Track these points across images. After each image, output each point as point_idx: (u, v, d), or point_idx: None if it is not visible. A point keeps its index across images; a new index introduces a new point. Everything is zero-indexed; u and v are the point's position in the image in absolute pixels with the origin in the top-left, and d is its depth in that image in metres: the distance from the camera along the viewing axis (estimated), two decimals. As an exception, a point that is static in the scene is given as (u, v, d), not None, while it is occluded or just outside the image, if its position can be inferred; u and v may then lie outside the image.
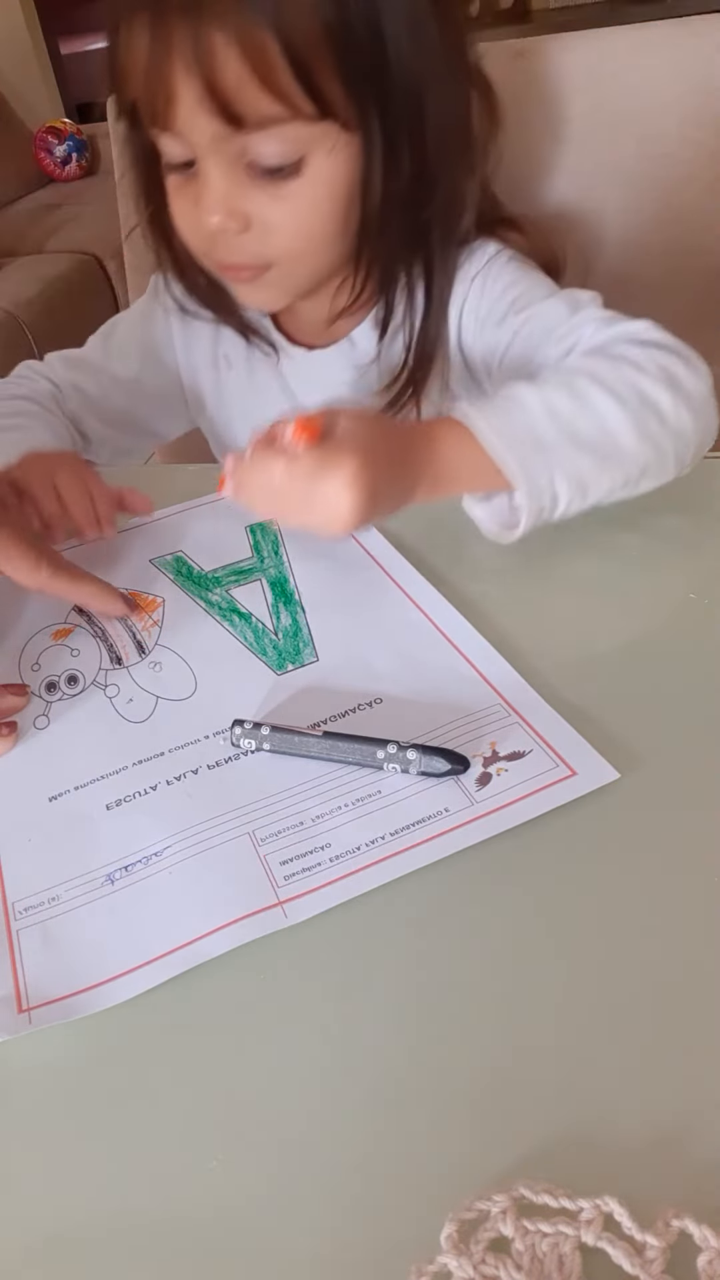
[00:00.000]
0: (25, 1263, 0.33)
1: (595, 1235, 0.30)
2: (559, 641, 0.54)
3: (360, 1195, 0.33)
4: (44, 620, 0.63)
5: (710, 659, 0.51)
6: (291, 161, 0.56)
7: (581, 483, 0.54)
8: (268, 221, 0.59)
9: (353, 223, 0.61)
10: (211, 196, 0.58)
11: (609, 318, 0.61)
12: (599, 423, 0.54)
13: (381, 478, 0.50)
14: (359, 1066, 0.37)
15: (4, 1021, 0.39)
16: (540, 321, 0.63)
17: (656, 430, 0.55)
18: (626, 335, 0.59)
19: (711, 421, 0.58)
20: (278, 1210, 0.33)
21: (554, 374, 0.57)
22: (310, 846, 0.44)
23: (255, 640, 0.58)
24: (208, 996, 0.40)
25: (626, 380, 0.55)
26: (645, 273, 0.89)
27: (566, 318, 0.62)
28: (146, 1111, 0.37)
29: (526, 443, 0.53)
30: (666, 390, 0.55)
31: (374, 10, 0.53)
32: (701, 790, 0.45)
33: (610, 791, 0.45)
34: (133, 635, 0.60)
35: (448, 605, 0.57)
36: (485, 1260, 0.30)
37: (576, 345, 0.61)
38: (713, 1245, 0.30)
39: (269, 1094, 0.36)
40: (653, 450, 0.55)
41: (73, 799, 0.50)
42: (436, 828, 0.44)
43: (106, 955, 0.41)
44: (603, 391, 0.54)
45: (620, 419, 0.54)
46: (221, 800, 0.48)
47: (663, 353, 0.57)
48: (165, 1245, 0.33)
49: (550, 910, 0.41)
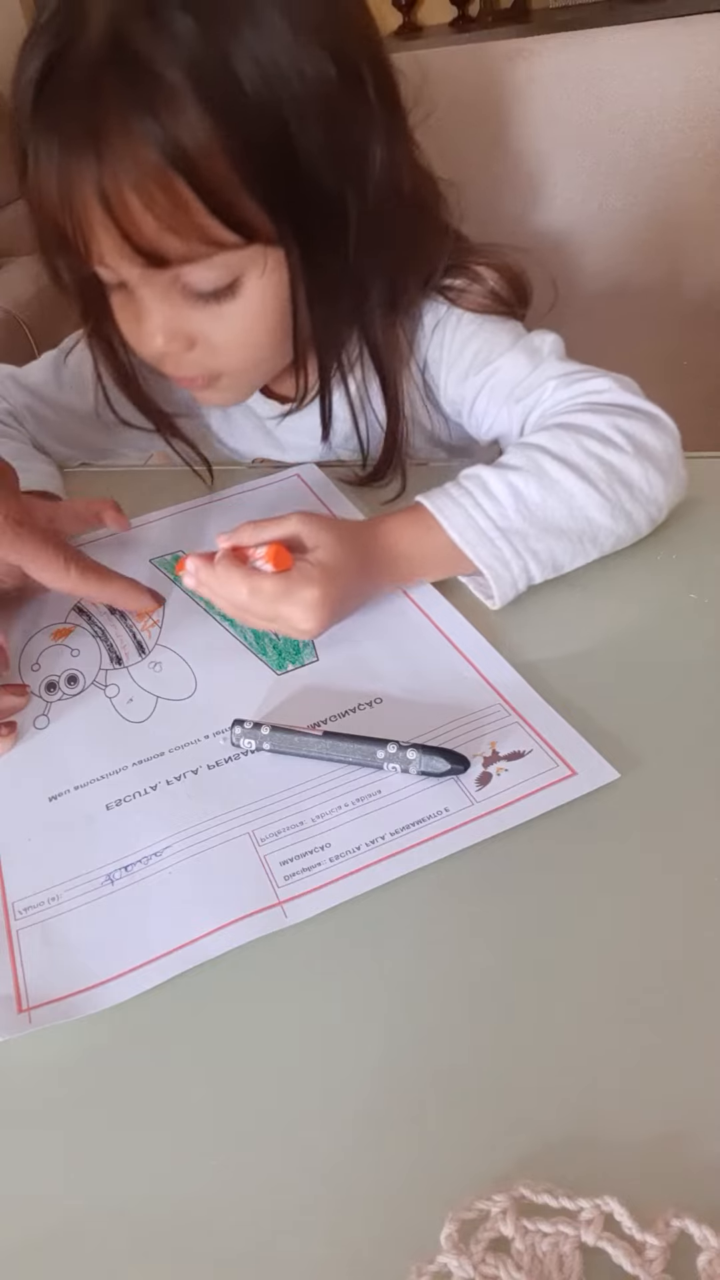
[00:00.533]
0: (25, 1262, 0.33)
1: (595, 1235, 0.30)
2: (559, 641, 0.54)
3: (360, 1195, 0.33)
4: (44, 620, 0.63)
5: (710, 659, 0.51)
6: (225, 285, 0.55)
7: (555, 563, 0.55)
8: (211, 340, 0.58)
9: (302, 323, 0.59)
10: (152, 323, 0.56)
11: (568, 374, 0.60)
12: (569, 507, 0.54)
13: (343, 594, 0.53)
14: (359, 1066, 0.37)
15: (4, 1021, 0.39)
16: (501, 377, 0.62)
17: (629, 505, 0.55)
18: (587, 399, 0.58)
19: (682, 475, 0.58)
20: (277, 1210, 0.33)
21: (521, 454, 0.56)
22: (310, 846, 0.44)
23: (255, 640, 0.58)
24: (208, 996, 0.40)
25: (595, 456, 0.55)
26: (644, 273, 0.89)
27: (527, 373, 0.61)
28: (146, 1111, 0.37)
29: (495, 536, 0.54)
30: (636, 461, 0.55)
31: (278, 125, 0.50)
32: (701, 790, 0.45)
33: (610, 791, 0.45)
34: (133, 635, 0.60)
35: (448, 605, 0.57)
36: (485, 1260, 0.30)
37: (537, 406, 0.61)
38: (713, 1245, 0.29)
39: (269, 1094, 0.36)
40: (626, 524, 0.56)
41: (73, 799, 0.50)
42: (436, 828, 0.44)
43: (106, 955, 0.41)
44: (572, 475, 0.54)
45: (591, 501, 0.54)
46: (221, 800, 0.48)
47: (627, 418, 0.56)
48: (165, 1245, 0.33)
49: (550, 910, 0.41)
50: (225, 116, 0.48)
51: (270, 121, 0.49)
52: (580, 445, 0.55)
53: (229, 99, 0.47)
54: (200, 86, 0.47)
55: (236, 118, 0.48)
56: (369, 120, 0.53)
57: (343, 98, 0.51)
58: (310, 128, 0.50)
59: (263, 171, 0.50)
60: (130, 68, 0.47)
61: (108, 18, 0.47)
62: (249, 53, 0.47)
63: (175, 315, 0.56)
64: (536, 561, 0.55)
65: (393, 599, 0.58)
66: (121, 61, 0.47)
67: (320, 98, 0.50)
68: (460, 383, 0.64)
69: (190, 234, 0.50)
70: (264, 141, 0.49)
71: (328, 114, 0.51)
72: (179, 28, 0.46)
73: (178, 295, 0.55)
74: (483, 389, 0.63)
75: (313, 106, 0.50)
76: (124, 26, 0.47)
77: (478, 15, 2.42)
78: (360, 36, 0.53)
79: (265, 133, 0.49)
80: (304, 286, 0.56)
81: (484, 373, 0.62)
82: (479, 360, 0.63)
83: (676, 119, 0.81)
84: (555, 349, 0.62)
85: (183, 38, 0.46)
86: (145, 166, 0.48)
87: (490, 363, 0.62)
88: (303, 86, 0.49)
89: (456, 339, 0.63)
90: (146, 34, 0.46)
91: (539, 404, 0.60)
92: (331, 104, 0.51)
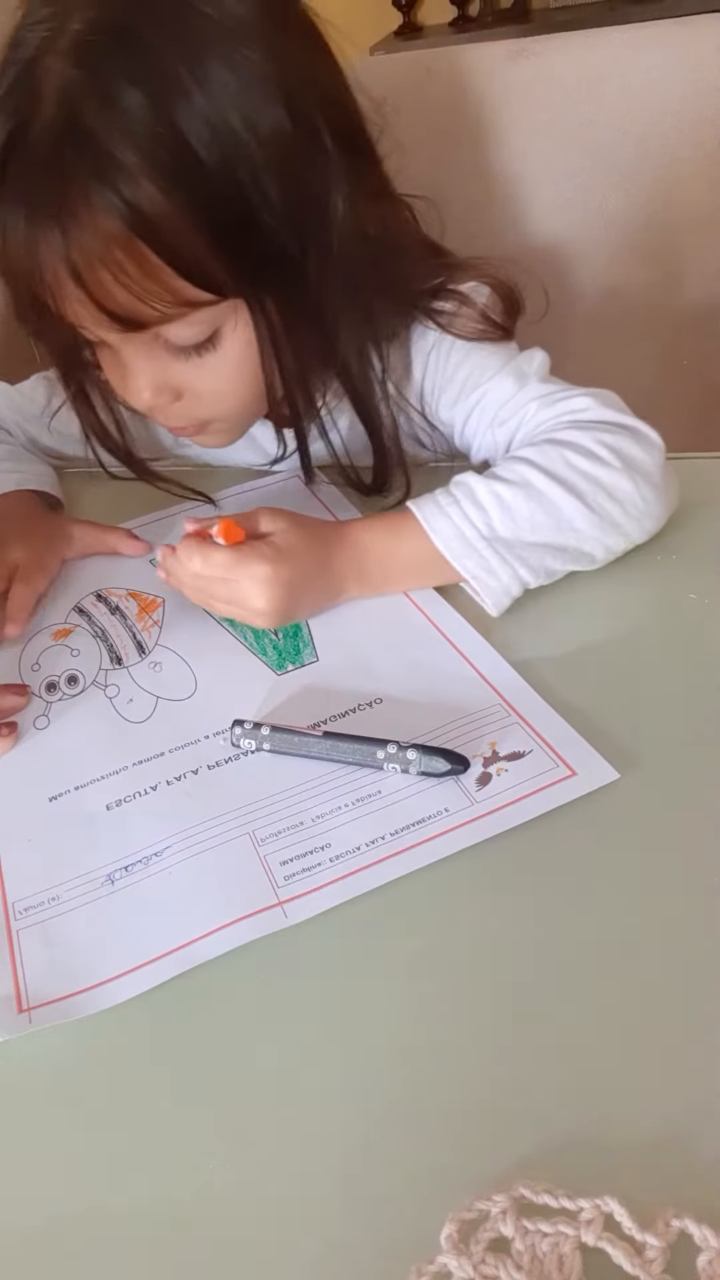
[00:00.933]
0: (25, 1262, 0.33)
1: (595, 1235, 0.30)
2: (559, 641, 0.54)
3: (360, 1195, 0.33)
4: (44, 620, 0.63)
5: (710, 659, 0.51)
6: (205, 338, 0.55)
7: (547, 570, 0.56)
8: (196, 390, 0.58)
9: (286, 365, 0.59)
10: (137, 380, 0.57)
11: (550, 394, 0.60)
12: (556, 520, 0.55)
13: (297, 578, 0.55)
14: (359, 1066, 0.37)
15: (4, 1021, 0.39)
16: (489, 400, 0.62)
17: (620, 518, 0.55)
18: (570, 418, 0.58)
19: (673, 485, 0.58)
20: (277, 1210, 0.33)
21: (508, 468, 0.57)
22: (310, 846, 0.44)
23: (255, 640, 0.58)
24: (208, 996, 0.40)
25: (580, 471, 0.55)
26: (644, 273, 0.89)
27: (512, 395, 0.61)
28: (146, 1111, 0.37)
29: (481, 546, 0.55)
30: (625, 476, 0.55)
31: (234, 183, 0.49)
32: (701, 790, 0.45)
33: (610, 791, 0.45)
34: (133, 635, 0.60)
35: (447, 605, 0.57)
36: (485, 1260, 0.30)
37: (520, 428, 0.61)
38: (713, 1245, 0.30)
39: (269, 1094, 0.36)
40: (617, 536, 0.56)
41: (73, 799, 0.50)
42: (436, 828, 0.44)
43: (106, 955, 0.41)
44: (559, 488, 0.55)
45: (579, 514, 0.54)
46: (221, 800, 0.48)
47: (612, 434, 0.57)
48: (165, 1245, 0.33)
49: (550, 910, 0.41)
50: (182, 181, 0.48)
51: (227, 180, 0.49)
52: (565, 460, 0.56)
53: (183, 164, 0.48)
54: (153, 157, 0.47)
55: (193, 181, 0.48)
56: (327, 167, 0.53)
57: (298, 148, 0.51)
58: (267, 182, 0.50)
59: (225, 229, 0.50)
60: (84, 145, 0.47)
61: (58, 98, 0.47)
62: (199, 115, 0.48)
63: (159, 370, 0.57)
64: (527, 568, 0.55)
65: (393, 599, 0.58)
66: (75, 139, 0.47)
67: (275, 150, 0.50)
68: (450, 407, 0.65)
69: (162, 297, 0.51)
70: (223, 200, 0.49)
71: (284, 166, 0.50)
72: (127, 102, 0.47)
73: (160, 350, 0.56)
74: (472, 413, 0.64)
75: (268, 161, 0.50)
76: (74, 106, 0.47)
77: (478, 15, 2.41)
78: (311, 81, 0.52)
79: (223, 192, 0.49)
80: (281, 333, 0.56)
81: (473, 397, 0.63)
82: (469, 385, 0.63)
83: (676, 119, 0.81)
84: (540, 370, 0.62)
85: (132, 111, 0.47)
86: (110, 237, 0.48)
87: (479, 387, 0.63)
88: (256, 142, 0.49)
89: (449, 365, 0.63)
90: (95, 111, 0.47)
91: (522, 425, 0.61)
92: (287, 156, 0.51)
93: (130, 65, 0.47)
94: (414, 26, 2.46)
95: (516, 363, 0.62)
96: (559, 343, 0.92)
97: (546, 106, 0.83)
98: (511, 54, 0.83)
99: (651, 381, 0.93)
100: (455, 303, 0.63)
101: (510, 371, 0.62)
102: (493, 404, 0.62)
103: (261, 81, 0.49)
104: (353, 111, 0.57)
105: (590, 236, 0.88)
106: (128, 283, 0.50)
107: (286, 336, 0.57)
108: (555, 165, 0.85)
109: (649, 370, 0.93)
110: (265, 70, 0.49)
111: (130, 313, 0.51)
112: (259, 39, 0.49)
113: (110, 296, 0.50)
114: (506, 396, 0.61)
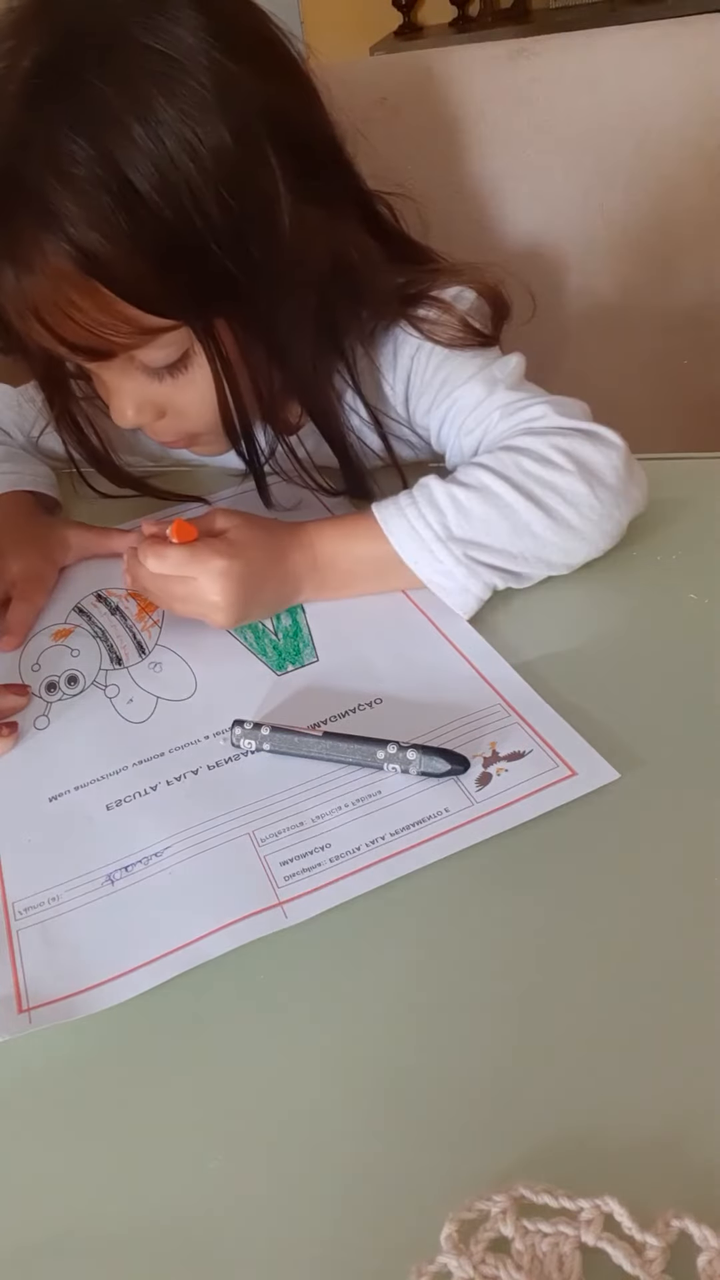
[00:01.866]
0: (25, 1262, 0.33)
1: (595, 1235, 0.30)
2: (559, 641, 0.54)
3: (360, 1195, 0.33)
4: (44, 620, 0.63)
5: (710, 659, 0.51)
6: (176, 359, 0.56)
7: (512, 573, 0.56)
8: (176, 407, 0.59)
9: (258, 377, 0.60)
10: (120, 401, 0.58)
11: (511, 403, 0.60)
12: (512, 523, 0.55)
13: (253, 574, 0.56)
14: (359, 1066, 0.37)
15: (4, 1021, 0.39)
16: (459, 407, 0.63)
17: (576, 521, 0.55)
18: (525, 426, 0.59)
19: (637, 482, 0.58)
20: (278, 1210, 0.33)
21: (465, 472, 0.57)
22: (310, 847, 0.44)
23: (255, 640, 0.58)
24: (208, 996, 0.40)
25: (533, 475, 0.55)
26: (644, 273, 0.89)
27: (479, 403, 0.62)
28: (146, 1112, 0.37)
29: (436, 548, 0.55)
30: (579, 479, 0.55)
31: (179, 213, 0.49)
32: (700, 790, 0.45)
33: (610, 791, 0.45)
34: (133, 635, 0.60)
35: (447, 605, 0.57)
36: (485, 1260, 0.30)
37: (485, 437, 0.61)
38: (713, 1245, 0.29)
39: (269, 1094, 0.36)
40: (577, 540, 0.56)
41: (73, 799, 0.50)
42: (436, 828, 0.44)
43: (107, 955, 0.41)
44: (513, 491, 0.55)
45: (534, 516, 0.55)
46: (221, 800, 0.48)
47: (565, 437, 0.57)
48: (165, 1245, 0.33)
49: (550, 910, 0.41)
50: (127, 219, 0.48)
51: (170, 210, 0.49)
52: (519, 466, 0.56)
53: (127, 204, 0.48)
54: (97, 201, 0.48)
55: (138, 218, 0.49)
56: (272, 187, 0.53)
57: (241, 170, 0.51)
58: (209, 205, 0.50)
59: (170, 258, 0.51)
60: (29, 196, 0.48)
61: (4, 147, 0.48)
62: (142, 152, 0.48)
63: (138, 389, 0.58)
64: (487, 570, 0.55)
65: (392, 599, 0.58)
66: (20, 190, 0.48)
67: (217, 174, 0.50)
68: (427, 413, 0.65)
69: (123, 329, 0.52)
70: (167, 230, 0.50)
71: (227, 188, 0.50)
72: (70, 147, 0.47)
73: (136, 372, 0.57)
74: (445, 419, 0.64)
75: (209, 184, 0.50)
76: (18, 156, 0.48)
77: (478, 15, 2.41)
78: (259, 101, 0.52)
79: (166, 222, 0.50)
80: (233, 355, 0.57)
81: (445, 403, 0.63)
82: (443, 391, 0.63)
83: (676, 119, 0.81)
84: (510, 377, 0.62)
85: (74, 158, 0.47)
86: (62, 278, 0.49)
87: (451, 393, 0.63)
88: (198, 168, 0.49)
89: (428, 371, 0.64)
90: (38, 161, 0.48)
91: (486, 435, 0.61)
92: (229, 178, 0.50)
93: (73, 111, 0.48)
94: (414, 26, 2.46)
95: (490, 369, 0.62)
96: (558, 343, 0.92)
97: (546, 106, 0.83)
98: (511, 54, 0.83)
99: (651, 381, 0.94)
100: (437, 310, 0.63)
101: (482, 378, 0.62)
102: (462, 411, 0.62)
103: (204, 109, 0.49)
104: (314, 125, 0.57)
105: (590, 236, 0.88)
106: (84, 320, 0.51)
107: (242, 358, 0.57)
108: (555, 165, 0.85)
109: (649, 370, 0.93)
110: (209, 97, 0.49)
111: (94, 344, 0.53)
112: (204, 66, 0.49)
113: (72, 331, 0.52)
114: (474, 403, 0.62)
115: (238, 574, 0.55)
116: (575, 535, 0.56)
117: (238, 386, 0.58)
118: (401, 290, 0.64)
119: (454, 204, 0.87)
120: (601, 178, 0.85)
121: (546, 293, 0.90)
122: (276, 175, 0.53)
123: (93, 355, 0.54)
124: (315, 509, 0.67)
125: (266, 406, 0.61)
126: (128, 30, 0.49)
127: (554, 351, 0.93)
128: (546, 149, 0.85)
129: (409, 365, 0.64)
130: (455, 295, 0.64)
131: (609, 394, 0.64)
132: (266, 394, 0.60)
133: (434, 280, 0.65)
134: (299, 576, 0.58)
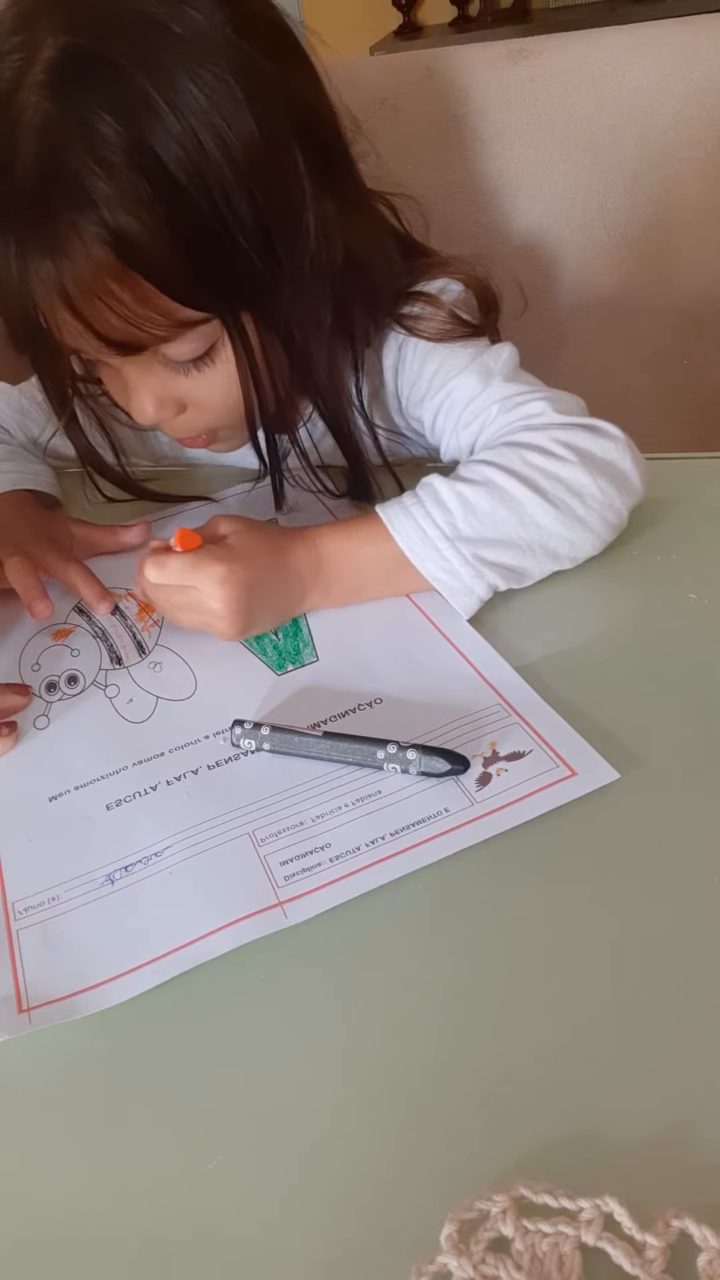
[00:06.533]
0: (25, 1261, 0.33)
1: (595, 1235, 0.30)
2: (559, 641, 0.54)
3: (360, 1195, 0.33)
4: (45, 620, 0.63)
5: (710, 659, 0.51)
6: (203, 353, 0.56)
7: (515, 571, 0.56)
8: (199, 401, 0.59)
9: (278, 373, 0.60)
10: (140, 397, 0.58)
11: (510, 397, 0.60)
12: (519, 516, 0.55)
13: (256, 580, 0.55)
14: (359, 1066, 0.37)
15: (4, 1021, 0.39)
16: (454, 399, 0.63)
17: (581, 512, 0.56)
18: (524, 422, 0.59)
19: (635, 479, 0.58)
20: (278, 1210, 0.33)
21: (470, 468, 0.57)
22: (310, 847, 0.44)
23: (255, 640, 0.58)
24: (208, 996, 0.40)
25: (538, 468, 0.56)
26: (644, 273, 0.89)
27: (475, 395, 0.62)
28: (147, 1111, 0.37)
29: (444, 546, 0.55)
30: (582, 470, 0.55)
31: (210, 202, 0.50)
32: (701, 790, 0.45)
33: (610, 791, 0.45)
34: (133, 635, 0.60)
35: (447, 605, 0.57)
36: (485, 1260, 0.30)
37: (483, 431, 0.61)
38: (713, 1245, 0.29)
39: (269, 1094, 0.36)
40: (582, 531, 0.56)
41: (73, 799, 0.50)
42: (437, 828, 0.44)
43: (107, 955, 0.41)
44: (521, 485, 0.55)
45: (541, 509, 0.55)
46: (221, 800, 0.48)
47: (567, 431, 0.57)
48: (165, 1245, 0.33)
49: (550, 910, 0.41)
50: (162, 206, 0.48)
51: (202, 200, 0.50)
52: (524, 459, 0.56)
53: (162, 189, 0.48)
54: (134, 186, 0.48)
55: (172, 204, 0.49)
56: (298, 182, 0.53)
57: (269, 164, 0.51)
58: (239, 199, 0.50)
59: (203, 249, 0.51)
60: (67, 182, 0.48)
61: (37, 136, 0.48)
62: (173, 137, 0.48)
63: (161, 385, 0.58)
64: (491, 569, 0.55)
65: (392, 599, 0.58)
66: (58, 177, 0.48)
67: (246, 167, 0.50)
68: (419, 405, 0.65)
69: (157, 320, 0.52)
70: (199, 220, 0.50)
71: (255, 182, 0.51)
72: (104, 133, 0.47)
73: (159, 366, 0.57)
74: (439, 411, 0.64)
75: (239, 177, 0.50)
76: (53, 144, 0.48)
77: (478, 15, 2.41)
78: (283, 93, 0.52)
79: (199, 212, 0.50)
80: (257, 349, 0.57)
81: (439, 395, 0.63)
82: (436, 382, 0.63)
83: (676, 119, 0.81)
84: (505, 367, 0.62)
85: (110, 142, 0.47)
86: (101, 268, 0.49)
87: (445, 384, 0.63)
88: (228, 160, 0.50)
89: (415, 364, 0.64)
90: (74, 148, 0.47)
91: (484, 429, 0.61)
92: (258, 171, 0.51)
93: (104, 94, 0.47)
94: (414, 26, 2.46)
95: (483, 359, 0.62)
96: (558, 342, 0.92)
97: (546, 106, 0.83)
98: (511, 54, 0.83)
99: (651, 381, 0.94)
100: (423, 304, 0.63)
101: (475, 369, 0.62)
102: (458, 403, 0.62)
103: (231, 98, 0.49)
104: (327, 120, 0.57)
105: (590, 236, 0.88)
106: (122, 310, 0.51)
107: (263, 351, 0.57)
108: (555, 165, 0.85)
109: (649, 370, 0.93)
110: (235, 86, 0.49)
111: (127, 337, 0.52)
112: (228, 55, 0.49)
113: (106, 323, 0.51)
114: (471, 395, 0.62)
115: (239, 580, 0.54)
116: (580, 525, 0.56)
117: (260, 379, 0.58)
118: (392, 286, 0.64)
119: (454, 204, 0.87)
120: (601, 178, 0.85)
121: (546, 292, 0.90)
122: (300, 167, 0.53)
123: (123, 349, 0.53)
124: (317, 513, 0.67)
125: (280, 401, 0.61)
126: (153, 16, 0.49)
127: (553, 351, 0.93)
128: (546, 149, 0.85)
129: (395, 358, 0.64)
130: (441, 288, 0.64)
131: (609, 393, 0.64)
132: (282, 388, 0.60)
133: (421, 274, 0.65)
134: (303, 581, 0.57)
